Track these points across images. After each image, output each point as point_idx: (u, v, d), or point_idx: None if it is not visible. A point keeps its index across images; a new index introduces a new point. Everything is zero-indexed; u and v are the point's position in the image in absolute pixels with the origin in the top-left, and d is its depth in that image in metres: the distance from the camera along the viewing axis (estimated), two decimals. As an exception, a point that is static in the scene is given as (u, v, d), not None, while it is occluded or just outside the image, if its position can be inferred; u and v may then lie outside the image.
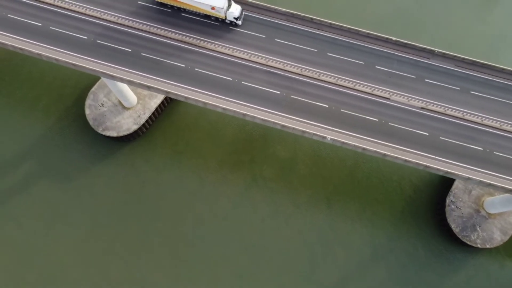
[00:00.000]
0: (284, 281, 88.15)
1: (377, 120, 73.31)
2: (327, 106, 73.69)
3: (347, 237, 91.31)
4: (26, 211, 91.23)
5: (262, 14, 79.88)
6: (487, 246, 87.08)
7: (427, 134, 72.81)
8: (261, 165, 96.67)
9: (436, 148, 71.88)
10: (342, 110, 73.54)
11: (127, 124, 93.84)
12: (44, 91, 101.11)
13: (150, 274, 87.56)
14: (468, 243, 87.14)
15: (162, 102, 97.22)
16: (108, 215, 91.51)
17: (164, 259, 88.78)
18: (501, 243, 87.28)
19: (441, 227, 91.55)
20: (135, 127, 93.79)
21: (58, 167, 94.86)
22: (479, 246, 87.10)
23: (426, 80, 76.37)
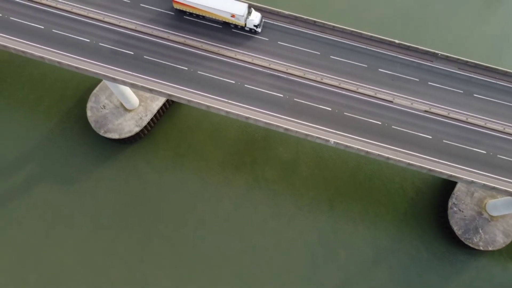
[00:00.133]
0: (285, 282, 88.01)
1: (380, 123, 73.18)
2: (330, 109, 73.55)
3: (349, 239, 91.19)
4: (27, 212, 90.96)
5: (265, 17, 79.61)
6: (490, 249, 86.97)
7: (431, 137, 72.69)
8: (263, 167, 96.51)
9: (439, 151, 71.79)
10: (345, 113, 73.42)
11: (128, 126, 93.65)
12: (46, 92, 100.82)
13: (151, 276, 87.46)
14: (471, 245, 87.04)
15: (164, 104, 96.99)
16: (109, 216, 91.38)
17: (165, 260, 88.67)
18: (503, 245, 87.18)
19: (443, 229, 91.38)
20: (137, 129, 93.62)
21: (60, 169, 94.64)
22: (481, 248, 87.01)
23: (429, 83, 76.22)
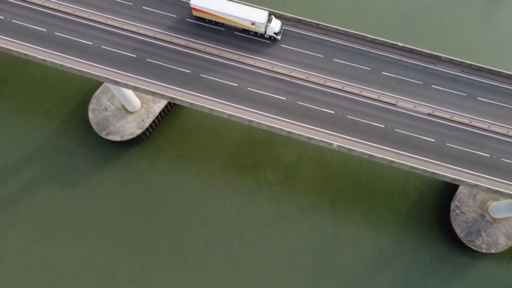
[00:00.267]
0: (287, 285, 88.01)
1: (383, 126, 73.03)
2: (333, 112, 73.39)
3: (351, 241, 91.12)
4: (29, 215, 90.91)
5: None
6: (492, 251, 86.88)
7: (434, 140, 72.55)
8: (266, 169, 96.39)
9: (442, 155, 71.63)
10: (348, 117, 73.25)
11: (130, 129, 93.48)
12: (47, 94, 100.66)
13: (154, 278, 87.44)
14: (473, 248, 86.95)
15: (166, 106, 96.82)
16: (112, 219, 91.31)
17: (168, 262, 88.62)
18: (506, 248, 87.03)
19: (445, 231, 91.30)
20: (138, 131, 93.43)
21: (61, 171, 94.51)
22: (484, 251, 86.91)
23: (432, 86, 76.03)
